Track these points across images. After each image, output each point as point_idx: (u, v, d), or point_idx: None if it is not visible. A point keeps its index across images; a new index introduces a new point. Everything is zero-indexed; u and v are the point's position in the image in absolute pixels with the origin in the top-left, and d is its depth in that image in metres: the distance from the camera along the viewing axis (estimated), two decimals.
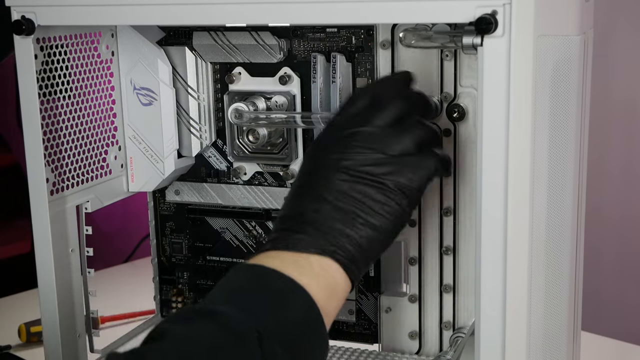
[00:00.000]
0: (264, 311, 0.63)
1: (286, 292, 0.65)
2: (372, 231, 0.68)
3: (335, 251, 0.67)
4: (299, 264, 0.66)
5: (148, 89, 0.89)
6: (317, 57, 0.83)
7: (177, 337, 0.59)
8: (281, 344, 0.62)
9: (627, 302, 1.52)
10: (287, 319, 0.63)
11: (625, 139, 1.48)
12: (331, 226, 0.68)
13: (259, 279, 0.65)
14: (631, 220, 1.50)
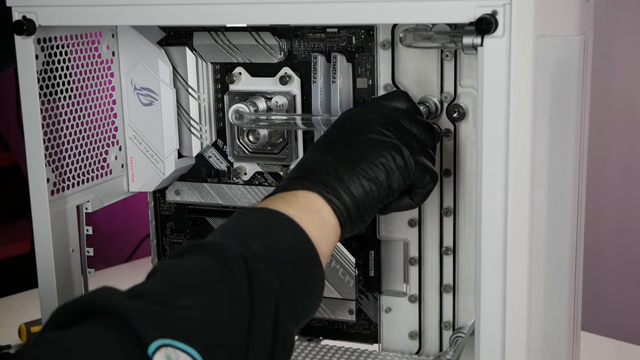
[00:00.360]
0: (252, 240, 0.65)
1: (274, 224, 0.67)
2: (369, 182, 0.71)
3: (322, 189, 0.70)
4: (286, 199, 0.70)
5: (148, 89, 0.89)
6: (317, 57, 0.83)
7: (166, 269, 0.62)
8: (270, 265, 0.64)
9: (627, 302, 1.52)
10: (275, 245, 0.65)
11: (625, 139, 1.49)
12: (326, 170, 0.71)
13: (248, 216, 0.69)
14: (631, 220, 1.50)
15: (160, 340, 0.55)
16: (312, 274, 0.68)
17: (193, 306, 0.59)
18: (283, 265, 0.65)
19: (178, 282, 0.61)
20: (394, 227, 0.87)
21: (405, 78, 0.83)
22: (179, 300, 0.59)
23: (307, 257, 0.67)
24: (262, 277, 0.63)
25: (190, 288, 0.60)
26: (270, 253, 0.65)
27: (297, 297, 0.66)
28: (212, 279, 0.61)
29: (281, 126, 0.86)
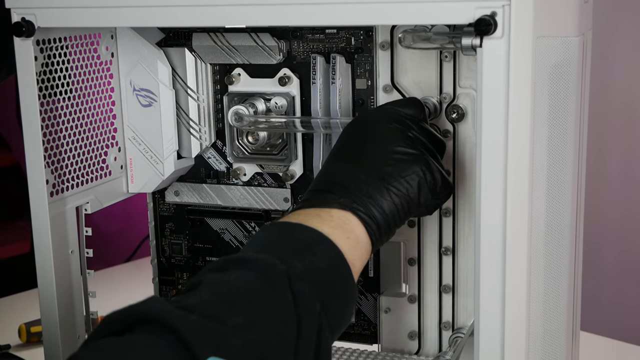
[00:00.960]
0: (292, 258, 0.65)
1: (311, 241, 0.67)
2: (399, 198, 0.71)
3: (356, 208, 0.70)
4: (321, 217, 0.69)
5: (148, 90, 0.89)
6: (316, 58, 0.83)
7: (211, 283, 0.62)
8: (311, 285, 0.64)
9: (627, 302, 1.52)
10: (314, 264, 0.66)
11: (624, 140, 1.49)
12: (357, 187, 0.71)
13: (286, 233, 0.69)
14: (630, 220, 1.50)
15: (212, 358, 0.55)
16: (347, 293, 0.68)
17: (241, 324, 0.59)
18: (322, 285, 0.65)
19: (225, 297, 0.61)
20: None
21: (404, 79, 0.83)
22: (228, 316, 0.59)
23: (343, 276, 0.68)
24: (306, 298, 0.63)
25: (238, 305, 0.61)
26: (309, 272, 0.65)
27: (334, 316, 0.66)
28: (259, 297, 0.62)
29: (280, 129, 0.86)
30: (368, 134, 0.74)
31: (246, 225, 0.93)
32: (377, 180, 0.71)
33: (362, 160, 0.73)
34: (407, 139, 0.73)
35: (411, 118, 0.75)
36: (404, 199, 0.71)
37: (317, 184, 0.74)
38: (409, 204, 0.72)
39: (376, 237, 0.71)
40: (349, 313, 0.69)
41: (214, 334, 0.57)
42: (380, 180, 0.71)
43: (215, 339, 0.57)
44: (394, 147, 0.73)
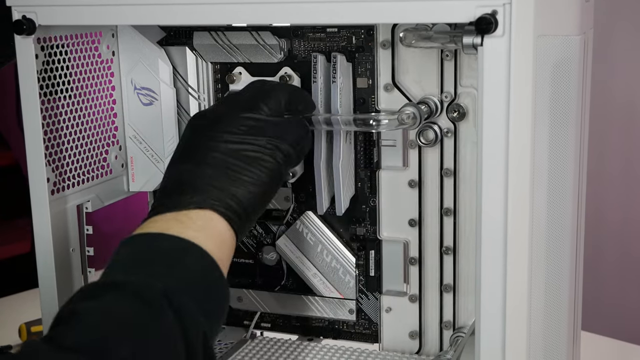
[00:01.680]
0: (163, 273, 0.64)
1: (180, 252, 0.66)
2: (249, 185, 0.71)
3: (213, 204, 0.69)
4: (181, 221, 0.68)
5: (149, 88, 0.89)
6: (317, 57, 0.83)
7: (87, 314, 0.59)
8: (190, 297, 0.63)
9: (628, 302, 1.52)
10: (186, 274, 0.65)
11: (625, 140, 1.49)
12: (208, 183, 0.70)
13: (149, 245, 0.67)
14: (631, 221, 1.50)
15: None
16: (222, 295, 0.68)
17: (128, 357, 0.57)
18: (199, 295, 0.64)
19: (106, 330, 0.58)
20: (395, 227, 0.87)
21: (405, 78, 0.83)
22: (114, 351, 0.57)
23: (216, 280, 0.67)
24: (188, 313, 0.62)
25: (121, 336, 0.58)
26: (185, 285, 0.64)
27: (213, 323, 0.66)
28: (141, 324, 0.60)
29: None
30: (206, 132, 0.74)
31: None
32: (225, 172, 0.71)
33: (206, 156, 0.72)
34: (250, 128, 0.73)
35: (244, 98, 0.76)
36: (257, 185, 0.72)
37: (167, 187, 0.73)
38: (266, 186, 0.72)
39: (238, 226, 0.71)
40: (225, 313, 0.69)
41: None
42: (227, 171, 0.71)
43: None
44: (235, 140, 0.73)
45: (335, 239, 0.90)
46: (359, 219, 0.89)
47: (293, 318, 0.94)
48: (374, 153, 0.86)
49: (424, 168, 0.85)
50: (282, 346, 0.91)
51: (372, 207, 0.88)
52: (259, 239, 0.93)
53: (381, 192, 0.87)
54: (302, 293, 0.92)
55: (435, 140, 0.83)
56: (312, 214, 0.90)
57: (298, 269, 0.91)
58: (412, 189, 0.86)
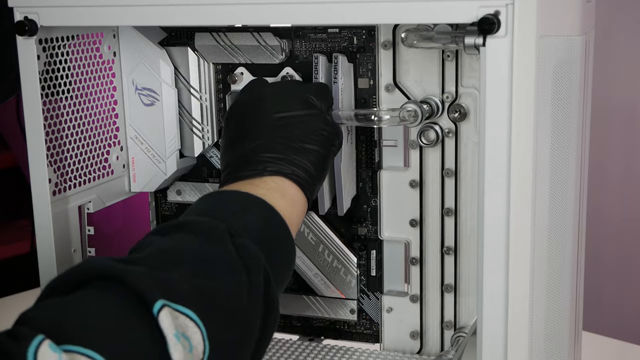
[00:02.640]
0: (230, 218, 0.67)
1: (248, 203, 0.70)
2: (313, 151, 0.76)
3: (284, 170, 0.74)
4: (253, 183, 0.73)
5: (150, 89, 0.89)
6: (318, 57, 0.83)
7: (152, 243, 0.63)
8: (253, 240, 0.66)
9: (628, 302, 1.52)
10: (252, 222, 0.68)
11: (626, 140, 1.49)
12: (276, 154, 0.75)
13: (222, 198, 0.71)
14: (631, 220, 1.50)
15: (163, 300, 0.56)
16: (286, 249, 0.71)
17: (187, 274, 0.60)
18: (261, 240, 0.67)
19: (168, 254, 0.62)
20: (396, 228, 0.87)
21: (406, 78, 0.83)
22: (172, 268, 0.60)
23: (280, 234, 0.71)
24: (249, 249, 0.65)
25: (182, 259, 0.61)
26: (249, 230, 0.67)
27: (278, 272, 0.68)
28: (203, 252, 0.63)
29: None
30: (256, 111, 0.78)
31: None
32: (291, 144, 0.75)
33: (264, 132, 0.76)
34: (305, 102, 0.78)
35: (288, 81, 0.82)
36: (319, 153, 0.76)
37: (231, 166, 0.76)
38: (324, 156, 0.77)
39: (310, 192, 0.75)
40: (290, 270, 0.72)
41: (161, 280, 0.58)
42: (294, 143, 0.75)
43: (163, 284, 0.57)
44: (295, 113, 0.77)
45: (336, 238, 0.90)
46: (360, 219, 0.89)
47: (294, 318, 0.94)
48: (375, 153, 0.86)
49: (425, 168, 0.85)
50: (283, 346, 0.91)
51: (374, 207, 0.88)
52: None
53: (382, 192, 0.87)
54: (303, 293, 0.92)
55: (437, 140, 0.83)
56: (314, 214, 0.90)
57: (299, 269, 0.91)
58: (414, 189, 0.86)
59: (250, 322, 0.63)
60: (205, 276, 0.61)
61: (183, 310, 0.57)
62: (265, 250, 0.66)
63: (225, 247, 0.64)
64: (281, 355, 0.89)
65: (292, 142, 0.75)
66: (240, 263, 0.63)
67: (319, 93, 0.80)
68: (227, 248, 0.64)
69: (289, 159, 0.75)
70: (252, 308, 0.63)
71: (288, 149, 0.75)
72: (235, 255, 0.64)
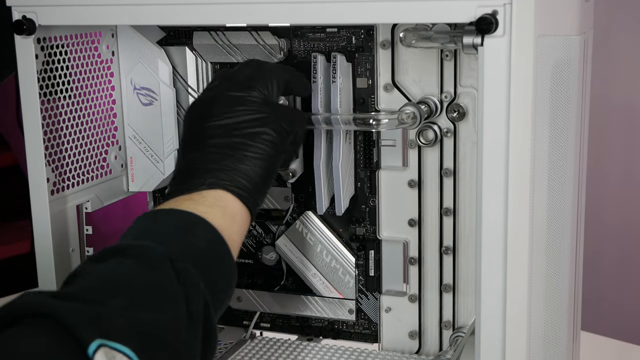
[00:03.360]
0: (169, 241, 0.66)
1: (188, 224, 0.68)
2: (255, 160, 0.73)
3: (224, 184, 0.72)
4: (193, 199, 0.71)
5: (148, 88, 0.89)
6: (317, 57, 0.83)
7: (89, 272, 0.62)
8: (191, 264, 0.64)
9: (627, 302, 1.52)
10: (193, 245, 0.67)
11: (625, 140, 1.49)
12: (215, 166, 0.73)
13: (160, 219, 0.69)
14: (631, 220, 1.50)
15: (99, 340, 0.54)
16: (228, 270, 0.70)
17: (125, 306, 0.58)
18: (202, 265, 0.66)
19: (105, 283, 0.60)
20: (394, 227, 0.87)
21: (405, 78, 0.83)
22: (109, 300, 0.58)
23: (222, 255, 0.69)
24: (190, 276, 0.63)
25: (120, 288, 0.60)
26: (189, 253, 0.66)
27: (218, 295, 0.67)
28: (141, 279, 0.61)
29: None
30: (205, 116, 0.75)
31: None
32: (230, 152, 0.73)
33: (209, 141, 0.74)
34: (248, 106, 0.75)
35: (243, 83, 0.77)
36: (263, 160, 0.74)
37: (179, 175, 0.75)
38: (270, 162, 0.74)
39: (250, 203, 0.73)
40: (231, 290, 0.70)
41: (98, 317, 0.56)
42: (232, 151, 0.73)
43: (99, 321, 0.56)
44: (235, 120, 0.74)
45: (334, 239, 0.90)
46: (358, 219, 0.89)
47: (293, 318, 0.94)
48: (373, 153, 0.86)
49: (423, 168, 0.85)
50: (282, 346, 0.91)
51: (372, 207, 0.88)
52: (258, 239, 0.93)
53: (381, 192, 0.87)
54: (301, 293, 0.92)
55: (435, 140, 0.83)
56: (312, 214, 0.90)
57: (298, 269, 0.91)
58: (412, 189, 0.86)
59: (189, 354, 0.62)
60: (143, 308, 0.59)
61: (120, 349, 0.55)
62: (206, 274, 0.65)
63: (165, 274, 0.62)
64: (280, 355, 0.89)
65: (232, 151, 0.73)
66: (180, 292, 0.62)
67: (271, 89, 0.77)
68: (168, 274, 0.62)
69: (228, 170, 0.72)
70: (191, 339, 0.62)
71: (227, 158, 0.73)
72: (175, 283, 0.62)
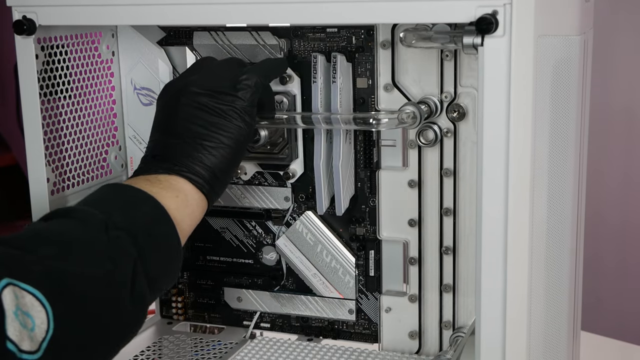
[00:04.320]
0: (114, 211, 0.70)
1: (137, 199, 0.72)
2: (214, 150, 0.76)
3: (178, 169, 0.75)
4: (149, 180, 0.74)
5: (148, 89, 0.89)
6: (317, 57, 0.83)
7: (34, 226, 0.68)
8: (130, 235, 0.68)
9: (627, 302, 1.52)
10: (135, 218, 0.70)
11: (624, 141, 1.49)
12: (174, 151, 0.76)
13: (115, 192, 0.73)
14: (631, 221, 1.50)
15: (7, 279, 0.59)
16: (170, 249, 0.72)
17: (51, 255, 0.63)
18: (142, 238, 0.69)
19: (39, 234, 0.66)
20: (394, 227, 0.87)
21: (405, 78, 0.83)
22: (38, 248, 0.64)
23: (166, 233, 0.72)
24: (121, 243, 0.67)
25: (52, 240, 0.65)
26: (130, 224, 0.69)
27: (155, 269, 0.70)
28: (75, 236, 0.66)
29: (281, 125, 0.86)
30: (171, 102, 0.78)
31: (247, 224, 0.93)
32: (192, 140, 0.75)
33: (173, 126, 0.77)
34: (216, 98, 0.77)
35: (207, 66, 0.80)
36: (223, 149, 0.76)
37: (145, 157, 0.78)
38: (232, 150, 0.76)
39: (207, 190, 0.75)
40: (173, 269, 0.74)
41: (13, 259, 0.61)
42: (194, 140, 0.75)
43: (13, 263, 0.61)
44: (200, 109, 0.76)
45: (335, 239, 0.90)
46: (358, 219, 0.89)
47: (293, 318, 0.94)
48: (373, 153, 0.86)
49: (423, 168, 0.85)
50: (282, 346, 0.91)
51: (372, 207, 0.88)
52: (258, 239, 0.93)
53: (381, 192, 0.87)
54: (301, 293, 0.92)
55: (435, 140, 0.83)
56: (312, 214, 0.90)
57: (298, 269, 0.91)
58: (412, 189, 0.86)
59: (109, 314, 0.66)
60: (69, 261, 0.64)
61: (31, 290, 0.60)
62: (145, 247, 0.69)
63: (98, 237, 0.67)
64: (280, 355, 0.89)
65: (192, 139, 0.75)
66: (108, 254, 0.66)
67: (246, 83, 0.78)
68: (100, 238, 0.67)
69: (189, 158, 0.75)
70: (112, 300, 0.66)
71: (187, 146, 0.75)
72: (104, 245, 0.66)
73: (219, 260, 0.95)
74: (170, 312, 0.99)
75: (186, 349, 0.92)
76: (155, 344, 0.94)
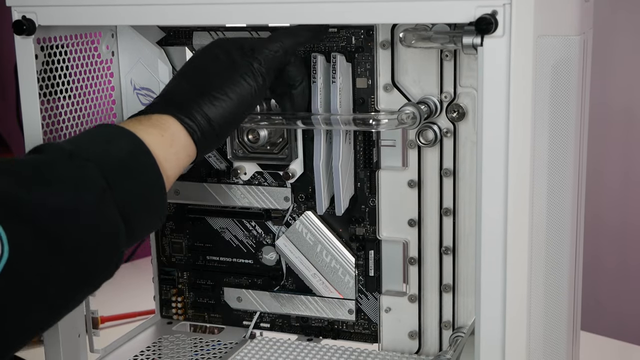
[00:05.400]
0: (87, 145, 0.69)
1: (114, 135, 0.71)
2: (217, 101, 0.75)
3: (174, 111, 0.74)
4: (139, 120, 0.73)
5: (148, 89, 0.89)
6: (317, 57, 0.83)
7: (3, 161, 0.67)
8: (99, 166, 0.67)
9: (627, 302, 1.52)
10: (108, 151, 0.69)
11: (624, 141, 1.48)
12: (182, 96, 0.75)
13: (99, 131, 0.73)
14: (631, 221, 1.50)
15: None
16: (149, 181, 0.71)
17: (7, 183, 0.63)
18: (112, 169, 0.68)
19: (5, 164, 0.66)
20: (394, 227, 0.87)
21: (404, 78, 0.83)
22: None
23: (144, 166, 0.70)
24: (85, 172, 0.67)
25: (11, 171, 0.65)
26: (101, 157, 0.68)
27: (129, 201, 0.68)
28: (35, 165, 0.66)
29: (281, 125, 0.86)
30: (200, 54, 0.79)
31: (246, 224, 0.93)
32: (200, 87, 0.75)
33: (189, 74, 0.78)
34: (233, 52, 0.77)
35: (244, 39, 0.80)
36: (226, 102, 0.75)
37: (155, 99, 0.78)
38: (234, 106, 0.76)
39: (197, 137, 0.74)
40: (154, 205, 0.72)
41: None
42: (202, 86, 0.75)
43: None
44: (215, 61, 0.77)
45: (334, 239, 0.90)
46: (358, 219, 0.89)
47: (292, 318, 0.94)
48: (373, 153, 0.86)
49: (423, 168, 0.85)
50: (282, 346, 0.91)
51: (372, 207, 0.88)
52: (258, 239, 0.93)
53: (381, 192, 0.87)
54: (301, 293, 0.92)
55: (435, 140, 0.83)
56: (312, 214, 0.90)
57: (297, 269, 0.91)
58: (412, 189, 0.86)
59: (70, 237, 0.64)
60: (26, 187, 0.63)
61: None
62: (117, 178, 0.68)
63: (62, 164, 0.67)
64: (280, 355, 0.89)
65: (204, 87, 0.75)
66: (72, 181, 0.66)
67: (256, 47, 0.78)
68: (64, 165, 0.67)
69: (188, 101, 0.74)
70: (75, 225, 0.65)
71: (195, 91, 0.75)
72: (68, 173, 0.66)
73: (219, 260, 0.95)
74: (170, 312, 0.99)
75: (186, 349, 0.92)
76: (155, 344, 0.94)
